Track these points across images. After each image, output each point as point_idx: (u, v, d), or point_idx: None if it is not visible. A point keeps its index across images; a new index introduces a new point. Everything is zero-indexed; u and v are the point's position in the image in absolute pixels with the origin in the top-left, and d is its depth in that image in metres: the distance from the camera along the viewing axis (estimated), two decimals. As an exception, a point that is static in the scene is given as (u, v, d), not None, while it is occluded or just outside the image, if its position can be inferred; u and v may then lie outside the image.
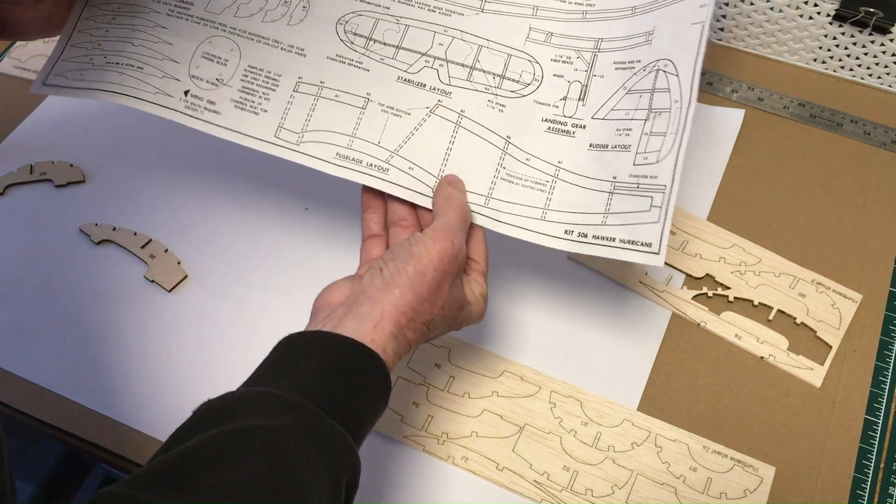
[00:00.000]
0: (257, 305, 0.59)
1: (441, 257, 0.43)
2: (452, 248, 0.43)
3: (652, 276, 0.59)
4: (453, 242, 0.43)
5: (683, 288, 0.58)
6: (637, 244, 0.44)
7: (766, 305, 0.57)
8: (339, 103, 0.50)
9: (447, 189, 0.47)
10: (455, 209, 0.46)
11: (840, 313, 0.57)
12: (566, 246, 0.46)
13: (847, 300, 0.58)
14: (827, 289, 0.58)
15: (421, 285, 0.42)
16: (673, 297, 0.58)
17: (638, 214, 0.45)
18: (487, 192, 0.48)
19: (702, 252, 0.60)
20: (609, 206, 0.46)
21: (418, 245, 0.43)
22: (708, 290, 0.58)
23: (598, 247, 0.45)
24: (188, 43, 0.52)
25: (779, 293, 0.58)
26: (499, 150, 0.49)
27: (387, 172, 0.49)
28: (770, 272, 0.59)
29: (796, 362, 0.55)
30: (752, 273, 0.59)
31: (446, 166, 0.49)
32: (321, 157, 0.50)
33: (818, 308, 0.57)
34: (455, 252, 0.43)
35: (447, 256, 0.43)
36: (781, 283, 0.58)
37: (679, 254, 0.60)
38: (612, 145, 0.47)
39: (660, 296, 0.58)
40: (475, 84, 0.50)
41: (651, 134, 0.46)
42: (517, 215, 0.48)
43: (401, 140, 0.49)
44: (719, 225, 0.61)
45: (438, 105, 0.50)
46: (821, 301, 0.58)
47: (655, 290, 0.58)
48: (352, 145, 0.49)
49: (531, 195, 0.48)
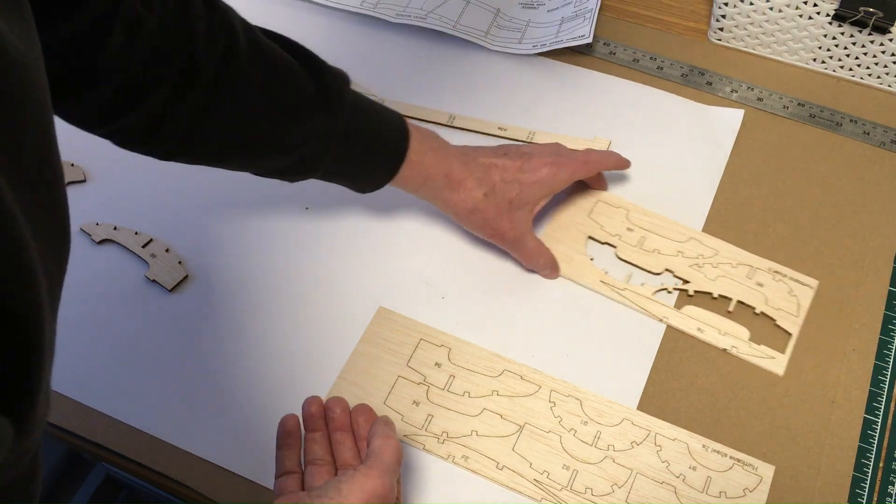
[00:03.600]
0: (257, 305, 0.59)
1: (370, 497, 0.42)
2: (383, 488, 0.43)
3: (612, 275, 0.59)
4: (384, 483, 0.43)
5: (643, 285, 0.59)
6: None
7: (725, 297, 0.58)
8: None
9: (384, 428, 0.46)
10: (391, 450, 0.45)
11: (798, 300, 0.57)
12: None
13: (804, 287, 0.58)
14: (784, 276, 0.58)
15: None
16: (634, 295, 0.58)
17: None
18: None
19: (659, 247, 0.60)
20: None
21: (348, 483, 0.42)
22: (668, 286, 0.58)
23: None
24: None
25: (737, 284, 0.58)
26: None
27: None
28: (727, 263, 0.59)
29: (758, 352, 0.56)
30: (709, 265, 0.59)
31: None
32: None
33: (776, 296, 0.58)
34: (385, 493, 0.43)
35: (376, 497, 0.42)
36: (739, 274, 0.59)
37: (637, 250, 0.60)
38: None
39: (621, 294, 0.58)
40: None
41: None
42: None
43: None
44: (719, 225, 0.61)
45: None
46: (778, 289, 0.58)
47: (616, 288, 0.58)
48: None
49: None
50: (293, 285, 0.60)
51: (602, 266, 0.60)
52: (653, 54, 0.71)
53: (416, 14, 0.74)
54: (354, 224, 0.63)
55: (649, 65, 0.71)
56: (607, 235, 0.61)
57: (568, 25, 0.72)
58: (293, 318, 0.59)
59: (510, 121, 0.68)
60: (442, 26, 0.74)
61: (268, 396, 0.55)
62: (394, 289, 0.59)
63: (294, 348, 0.57)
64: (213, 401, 0.55)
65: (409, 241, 0.62)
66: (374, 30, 0.75)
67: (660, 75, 0.70)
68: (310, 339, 0.57)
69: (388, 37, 0.74)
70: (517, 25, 0.74)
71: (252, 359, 0.57)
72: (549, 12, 0.75)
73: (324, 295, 0.59)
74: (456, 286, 0.59)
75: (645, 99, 0.69)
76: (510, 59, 0.72)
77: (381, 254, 0.61)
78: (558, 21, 0.73)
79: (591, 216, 0.62)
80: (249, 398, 0.55)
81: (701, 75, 0.70)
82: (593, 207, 0.62)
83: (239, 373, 0.56)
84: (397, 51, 0.73)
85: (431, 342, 0.57)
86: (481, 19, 0.75)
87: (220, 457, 0.53)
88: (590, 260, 0.60)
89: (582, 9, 0.72)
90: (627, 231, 0.61)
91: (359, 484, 0.42)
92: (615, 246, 0.60)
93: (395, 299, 0.59)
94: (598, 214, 0.62)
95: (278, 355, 0.57)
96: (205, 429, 0.54)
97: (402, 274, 0.60)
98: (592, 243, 0.61)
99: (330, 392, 0.55)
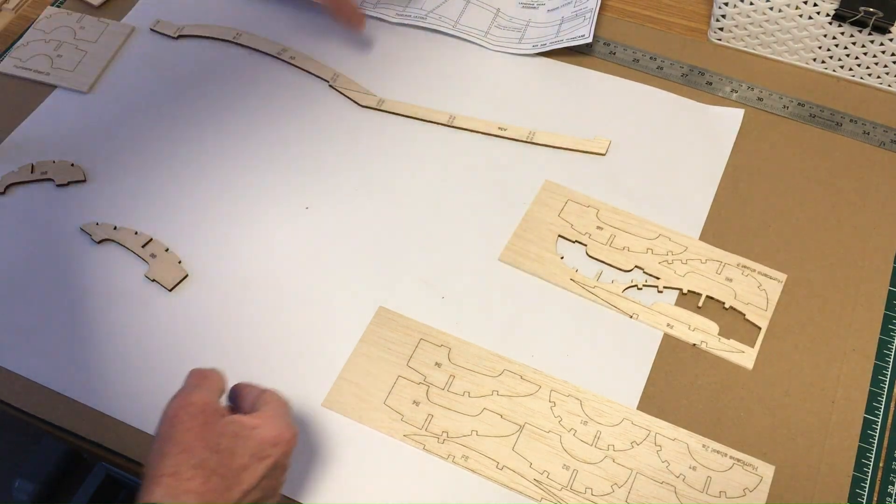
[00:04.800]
0: (257, 305, 0.59)
1: (277, 438, 0.44)
2: (288, 430, 0.45)
3: (582, 273, 0.59)
4: (288, 424, 0.45)
5: (613, 282, 0.59)
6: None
7: (694, 293, 0.58)
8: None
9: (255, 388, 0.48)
10: (274, 397, 0.47)
11: (767, 294, 0.58)
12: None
13: (772, 281, 0.58)
14: (752, 271, 0.59)
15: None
16: (604, 293, 0.58)
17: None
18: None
19: (629, 245, 0.60)
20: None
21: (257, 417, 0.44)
22: (638, 283, 0.58)
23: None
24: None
25: (706, 279, 0.59)
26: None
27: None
28: (696, 259, 0.59)
29: (728, 346, 0.56)
30: (679, 262, 0.59)
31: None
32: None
33: (745, 291, 0.58)
34: (290, 436, 0.45)
35: (283, 441, 0.44)
36: (708, 270, 0.59)
37: (607, 248, 0.60)
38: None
39: (591, 292, 0.58)
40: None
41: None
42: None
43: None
44: (719, 224, 0.61)
45: None
46: (747, 284, 0.58)
47: (586, 286, 0.59)
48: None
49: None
50: (293, 285, 0.60)
51: (572, 264, 0.60)
52: (653, 54, 0.71)
53: (416, 14, 0.74)
54: (354, 224, 0.63)
55: (649, 64, 0.71)
56: (577, 234, 0.61)
57: (568, 25, 0.72)
58: (293, 317, 0.59)
59: (510, 121, 0.68)
60: (442, 26, 0.74)
61: (268, 396, 0.55)
62: (394, 289, 0.59)
63: (294, 348, 0.57)
64: (213, 401, 0.55)
65: (409, 241, 0.62)
66: (374, 30, 0.75)
67: (660, 75, 0.70)
68: (310, 339, 0.57)
69: (388, 37, 0.74)
70: (517, 25, 0.74)
71: (252, 359, 0.57)
72: (549, 12, 0.75)
73: (324, 295, 0.59)
74: (456, 286, 0.59)
75: (645, 99, 0.69)
76: (510, 59, 0.72)
77: (381, 254, 0.61)
78: (558, 21, 0.73)
79: (561, 215, 0.62)
80: (249, 398, 0.55)
81: (701, 75, 0.70)
82: (563, 206, 0.62)
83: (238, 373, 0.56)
84: (397, 51, 0.73)
85: (431, 342, 0.57)
86: (481, 19, 0.75)
87: (220, 457, 0.53)
88: (560, 258, 0.60)
89: (582, 9, 0.73)
90: (597, 229, 0.61)
91: (269, 419, 0.44)
92: (585, 244, 0.61)
93: (395, 299, 0.59)
94: (568, 213, 0.62)
95: (278, 355, 0.57)
96: (205, 429, 0.54)
97: (402, 274, 0.60)
98: (563, 242, 0.61)
99: (330, 392, 0.55)
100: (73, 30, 0.75)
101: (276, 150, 0.67)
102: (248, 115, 0.69)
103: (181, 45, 0.75)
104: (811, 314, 0.58)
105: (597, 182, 0.64)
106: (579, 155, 0.66)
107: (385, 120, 0.69)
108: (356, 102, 0.70)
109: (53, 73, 0.72)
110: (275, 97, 0.70)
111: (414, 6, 0.75)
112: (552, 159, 0.66)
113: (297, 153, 0.67)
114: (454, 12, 0.75)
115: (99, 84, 0.72)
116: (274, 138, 0.68)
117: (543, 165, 0.65)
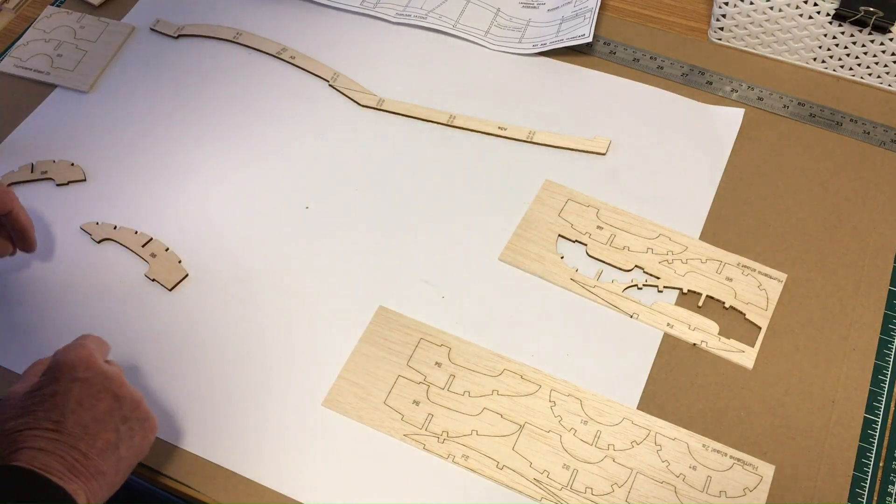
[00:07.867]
0: (257, 304, 0.59)
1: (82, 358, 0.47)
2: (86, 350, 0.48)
3: (582, 273, 0.59)
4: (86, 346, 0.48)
5: (613, 282, 0.59)
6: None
7: (694, 292, 0.58)
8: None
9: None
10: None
11: (767, 294, 0.58)
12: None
13: (772, 280, 0.58)
14: (752, 271, 0.59)
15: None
16: (604, 292, 0.58)
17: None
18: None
19: (629, 244, 0.60)
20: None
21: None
22: (638, 283, 0.58)
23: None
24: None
25: (706, 279, 0.59)
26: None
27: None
28: (696, 259, 0.59)
29: (728, 346, 0.56)
30: (679, 261, 0.59)
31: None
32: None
33: (745, 291, 0.58)
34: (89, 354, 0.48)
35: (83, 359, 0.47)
36: (708, 269, 0.59)
37: (607, 248, 0.60)
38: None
39: (591, 291, 0.58)
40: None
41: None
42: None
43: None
44: (719, 224, 0.61)
45: None
46: (747, 283, 0.58)
47: (587, 286, 0.59)
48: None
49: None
50: (293, 285, 0.60)
51: (572, 264, 0.60)
52: (653, 53, 0.71)
53: (417, 14, 0.74)
54: (354, 224, 0.63)
55: (649, 64, 0.71)
56: (577, 234, 0.61)
57: (568, 25, 0.72)
58: (293, 317, 0.59)
59: (510, 120, 0.68)
60: (442, 26, 0.74)
61: (267, 396, 0.55)
62: (394, 289, 0.59)
63: (294, 348, 0.57)
64: (212, 400, 0.55)
65: (409, 241, 0.62)
66: (374, 30, 0.75)
67: (660, 74, 0.70)
68: (310, 338, 0.57)
69: (388, 37, 0.74)
70: (517, 25, 0.74)
71: (252, 358, 0.57)
72: (549, 12, 0.75)
73: (324, 295, 0.59)
74: (456, 286, 0.59)
75: (645, 98, 0.69)
76: (510, 58, 0.72)
77: (381, 254, 0.61)
78: (558, 20, 0.73)
79: (562, 215, 0.62)
80: (249, 398, 0.55)
81: (701, 75, 0.70)
82: (563, 206, 0.62)
83: (238, 372, 0.56)
84: (397, 51, 0.73)
85: (431, 342, 0.57)
86: (481, 19, 0.75)
87: (219, 456, 0.53)
88: (560, 258, 0.60)
89: (582, 8, 0.73)
90: (597, 229, 0.61)
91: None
92: (585, 244, 0.61)
93: (395, 299, 0.59)
94: (568, 213, 0.62)
95: (278, 355, 0.57)
96: (204, 428, 0.54)
97: (402, 274, 0.60)
98: (563, 241, 0.61)
99: (330, 391, 0.55)
100: (73, 29, 0.75)
101: (276, 149, 0.67)
102: (248, 115, 0.69)
103: (181, 44, 0.75)
104: (811, 314, 0.58)
105: (597, 182, 0.64)
106: (579, 154, 0.66)
107: (385, 119, 0.69)
108: (356, 102, 0.70)
109: (53, 73, 0.72)
110: (275, 97, 0.70)
111: (414, 6, 0.75)
112: (552, 159, 0.66)
113: (297, 153, 0.67)
114: (454, 12, 0.75)
115: (99, 84, 0.72)
116: (274, 138, 0.68)
117: (543, 165, 0.65)
